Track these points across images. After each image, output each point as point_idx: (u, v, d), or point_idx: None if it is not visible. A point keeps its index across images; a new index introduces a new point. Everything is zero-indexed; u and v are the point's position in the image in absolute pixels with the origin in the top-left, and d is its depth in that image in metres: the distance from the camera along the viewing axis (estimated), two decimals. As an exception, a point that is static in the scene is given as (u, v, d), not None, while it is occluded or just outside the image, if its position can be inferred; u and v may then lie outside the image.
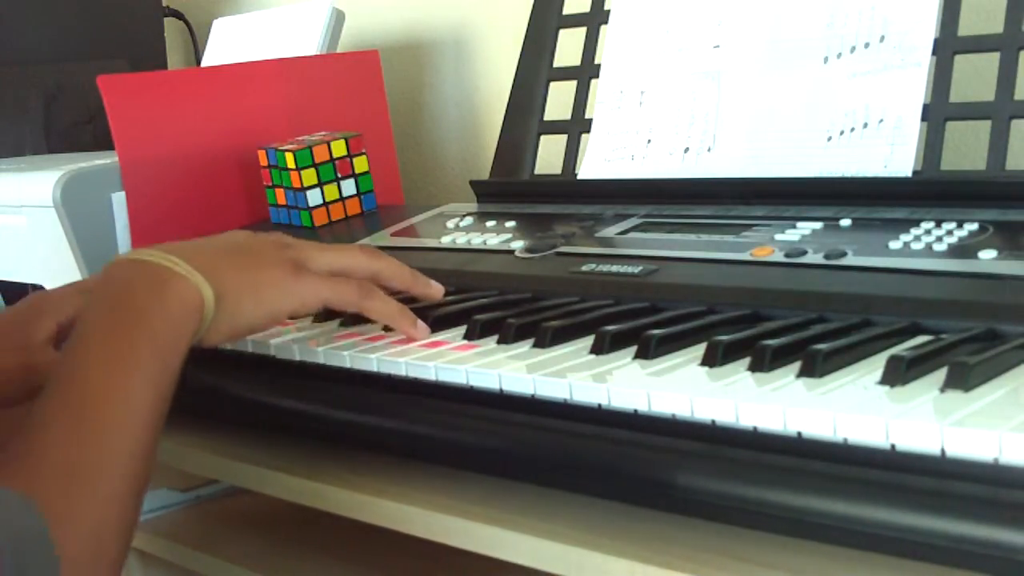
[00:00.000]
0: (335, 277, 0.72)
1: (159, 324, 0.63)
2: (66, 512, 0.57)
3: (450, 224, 1.02)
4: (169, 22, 1.84)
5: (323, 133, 1.17)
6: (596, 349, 0.65)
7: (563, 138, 1.09)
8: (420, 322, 0.74)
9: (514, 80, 1.13)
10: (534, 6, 1.14)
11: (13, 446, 0.59)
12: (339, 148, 1.15)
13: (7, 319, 0.86)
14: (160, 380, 0.63)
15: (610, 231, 0.90)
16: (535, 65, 1.12)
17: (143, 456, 0.61)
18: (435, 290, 0.78)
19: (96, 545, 0.58)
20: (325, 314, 0.80)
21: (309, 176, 1.13)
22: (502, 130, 1.13)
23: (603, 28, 1.08)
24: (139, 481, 0.61)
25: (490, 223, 0.99)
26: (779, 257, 0.76)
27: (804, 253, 0.76)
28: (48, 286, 1.11)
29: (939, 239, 0.73)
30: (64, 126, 1.64)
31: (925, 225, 0.76)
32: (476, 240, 0.95)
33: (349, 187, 1.16)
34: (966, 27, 0.87)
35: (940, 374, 0.53)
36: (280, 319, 0.71)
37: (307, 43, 1.47)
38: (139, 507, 0.62)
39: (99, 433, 0.60)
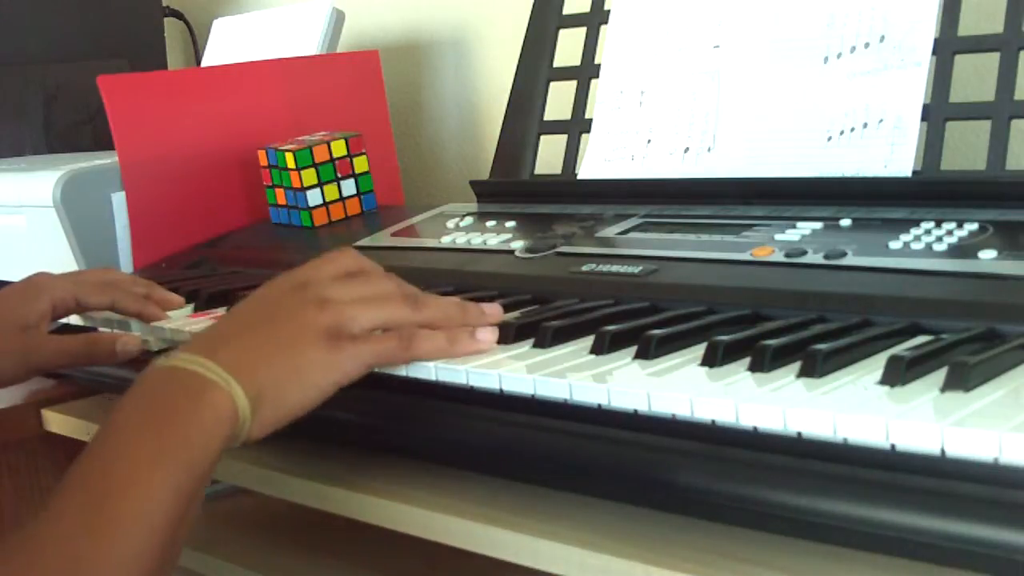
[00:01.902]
0: (374, 337, 0.67)
1: (189, 436, 0.60)
2: None
3: (450, 224, 1.02)
4: (169, 22, 1.84)
5: (323, 133, 1.17)
6: (596, 349, 0.65)
7: (563, 138, 1.09)
8: (481, 330, 0.69)
9: (514, 80, 1.13)
10: (534, 6, 1.14)
11: (21, 531, 0.56)
12: (339, 148, 1.15)
13: (4, 298, 0.88)
14: (185, 487, 0.59)
15: (610, 231, 0.90)
16: (535, 65, 1.12)
17: (154, 564, 0.57)
18: (481, 344, 0.69)
19: None
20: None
21: (309, 176, 1.13)
22: (502, 130, 1.13)
23: (603, 28, 1.08)
24: None
25: (490, 223, 0.99)
26: (779, 257, 0.76)
27: (804, 253, 0.76)
28: (48, 286, 1.11)
29: (939, 239, 0.73)
30: (64, 126, 1.64)
31: (925, 225, 0.76)
32: (476, 240, 0.95)
33: (349, 187, 1.16)
34: (966, 27, 0.87)
35: (940, 374, 0.53)
36: (326, 396, 0.65)
37: (307, 43, 1.47)
38: None
39: (109, 533, 0.56)
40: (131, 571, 0.56)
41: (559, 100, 1.11)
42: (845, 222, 0.81)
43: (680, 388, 0.57)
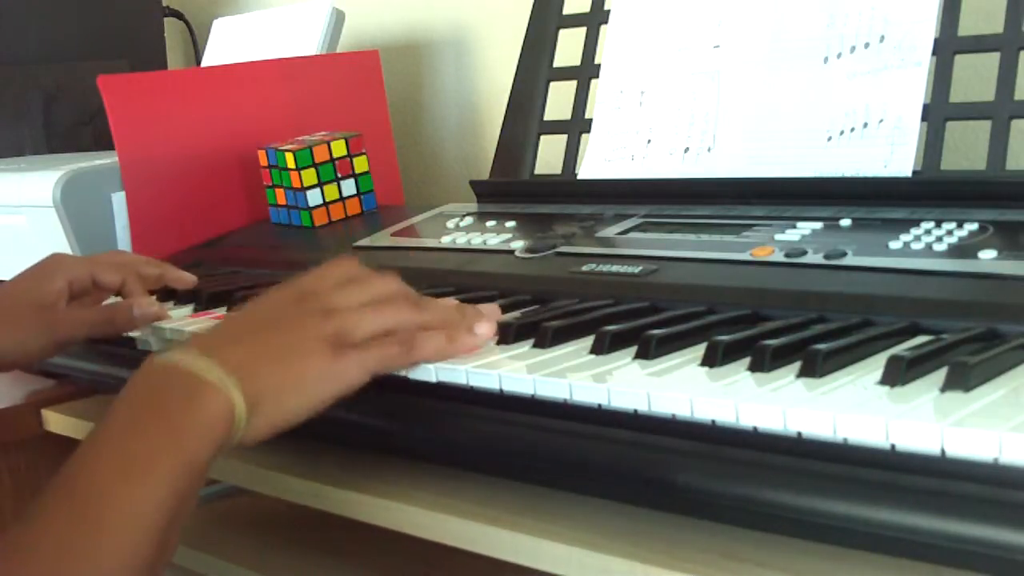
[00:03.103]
0: (377, 342, 0.67)
1: (184, 440, 0.59)
2: None
3: (450, 224, 1.02)
4: (169, 22, 1.84)
5: (323, 133, 1.17)
6: (596, 349, 0.65)
7: (563, 138, 1.09)
8: (479, 324, 0.69)
9: (514, 80, 1.13)
10: (534, 6, 1.14)
11: (10, 531, 0.56)
12: (339, 148, 1.15)
13: (23, 279, 0.91)
14: (175, 493, 0.58)
15: (610, 231, 0.90)
16: (535, 65, 1.12)
17: (146, 564, 0.57)
18: (480, 339, 0.70)
19: None
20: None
21: (309, 176, 1.13)
22: (502, 130, 1.13)
23: (603, 28, 1.08)
24: None
25: (490, 223, 0.99)
26: (779, 257, 0.76)
27: (804, 253, 0.76)
28: (48, 286, 1.11)
29: (939, 239, 0.73)
30: (64, 126, 1.64)
31: (925, 225, 0.76)
32: (476, 240, 0.95)
33: (349, 187, 1.16)
34: (966, 27, 0.87)
35: (940, 374, 0.53)
36: (326, 405, 0.65)
37: (307, 43, 1.47)
38: None
39: (93, 539, 0.55)
40: (122, 571, 0.56)
41: (559, 100, 1.11)
42: (845, 222, 0.81)
43: (680, 388, 0.57)
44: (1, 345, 0.88)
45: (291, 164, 1.13)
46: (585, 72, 1.09)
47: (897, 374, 0.54)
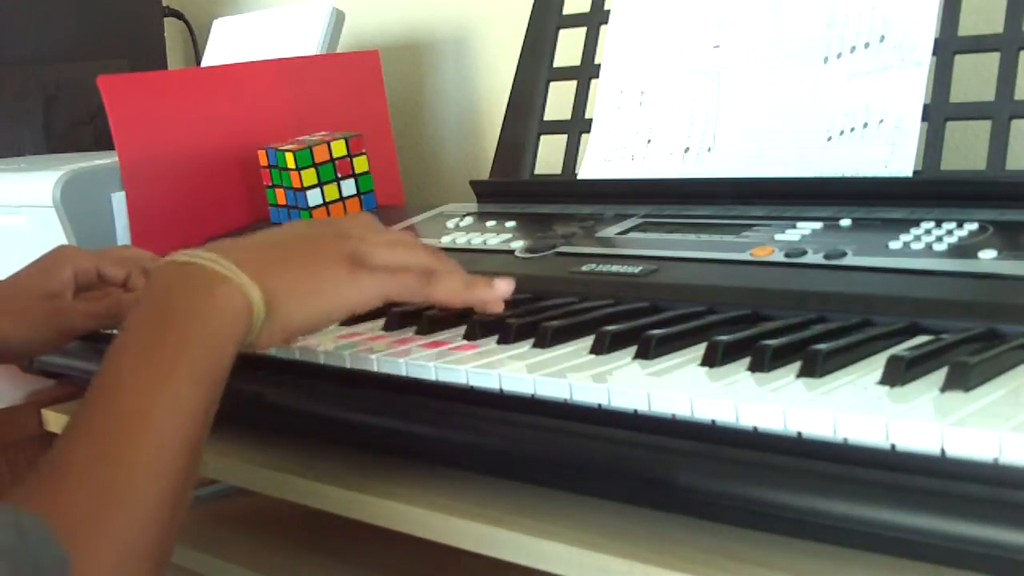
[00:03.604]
0: (394, 271, 0.68)
1: (203, 333, 0.60)
2: (89, 537, 0.53)
3: (450, 224, 1.02)
4: (169, 22, 1.84)
5: (323, 133, 1.17)
6: (596, 349, 0.65)
7: (563, 138, 1.09)
8: (497, 281, 0.70)
9: (514, 80, 1.13)
10: (534, 6, 1.14)
11: (40, 465, 0.56)
12: (339, 148, 1.15)
13: (31, 270, 0.92)
14: (201, 392, 0.59)
15: (610, 231, 0.90)
16: (535, 65, 1.12)
17: (180, 474, 0.57)
18: (497, 291, 0.70)
19: (122, 570, 0.54)
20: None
21: (309, 176, 1.13)
22: (502, 130, 1.13)
23: (603, 28, 1.08)
24: (176, 501, 0.57)
25: (490, 223, 0.99)
26: (779, 257, 0.76)
27: (804, 253, 0.76)
28: (48, 286, 1.11)
29: (939, 239, 0.73)
30: (64, 126, 1.64)
31: (925, 225, 0.76)
32: (476, 240, 0.95)
33: (349, 187, 1.16)
34: (966, 27, 0.87)
35: (940, 374, 0.53)
36: (338, 318, 0.66)
37: (307, 43, 1.47)
38: (173, 531, 0.57)
39: (131, 451, 0.56)
40: (156, 494, 0.56)
41: (559, 100, 1.11)
42: (845, 222, 0.81)
43: (680, 388, 0.57)
44: (7, 336, 0.89)
45: (291, 164, 1.13)
46: (585, 72, 1.09)
47: (897, 374, 0.54)
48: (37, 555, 0.51)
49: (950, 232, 0.74)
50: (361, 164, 1.16)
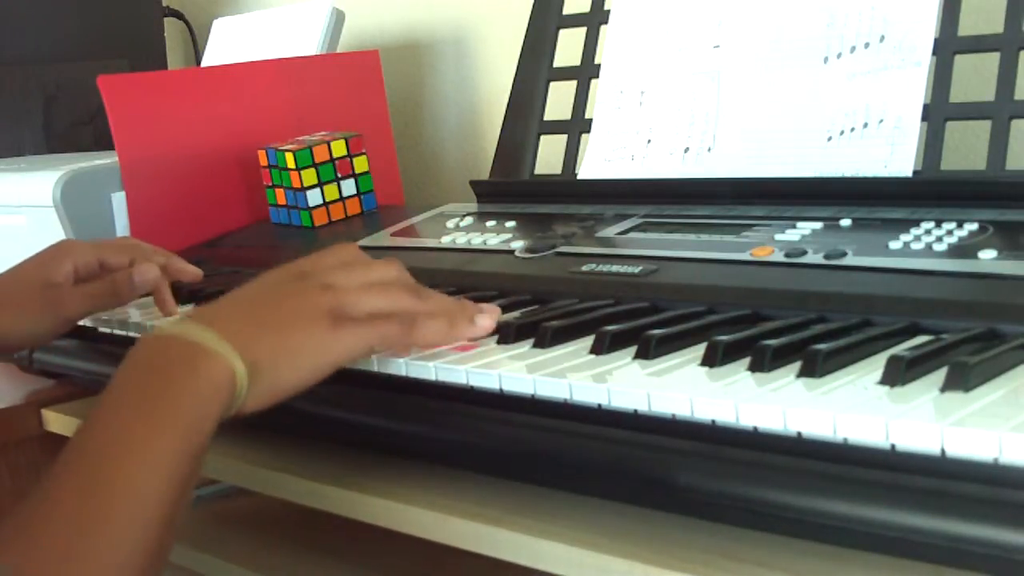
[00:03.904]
0: (377, 320, 0.67)
1: (187, 407, 0.60)
2: None
3: (450, 224, 1.02)
4: (169, 22, 1.84)
5: (323, 133, 1.17)
6: (596, 349, 0.65)
7: (563, 138, 1.09)
8: (479, 317, 0.70)
9: (514, 80, 1.13)
10: (534, 6, 1.14)
11: (16, 513, 0.56)
12: (339, 148, 1.15)
13: (32, 263, 0.93)
14: (182, 462, 0.59)
15: (610, 231, 0.90)
16: (535, 65, 1.12)
17: (154, 541, 0.57)
18: (479, 329, 0.70)
19: None
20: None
21: (309, 176, 1.13)
22: (502, 130, 1.13)
23: (603, 28, 1.08)
24: (147, 566, 0.56)
25: (490, 223, 0.99)
26: (779, 257, 0.76)
27: (804, 253, 0.76)
28: (48, 286, 1.11)
29: (939, 239, 0.73)
30: (64, 126, 1.64)
31: (925, 225, 0.76)
32: (476, 240, 0.95)
33: (349, 187, 1.16)
34: (966, 27, 0.87)
35: (940, 374, 0.53)
36: (323, 376, 0.65)
37: (307, 43, 1.47)
38: None
39: (104, 514, 0.55)
40: (134, 547, 0.55)
41: (559, 100, 1.11)
42: (845, 222, 0.81)
43: (680, 388, 0.57)
44: (9, 327, 0.90)
45: (291, 164, 1.13)
46: (585, 72, 1.09)
47: (897, 374, 0.54)
48: None
49: (950, 232, 0.74)
50: (361, 164, 1.16)
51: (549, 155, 1.11)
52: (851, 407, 0.51)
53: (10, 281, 0.91)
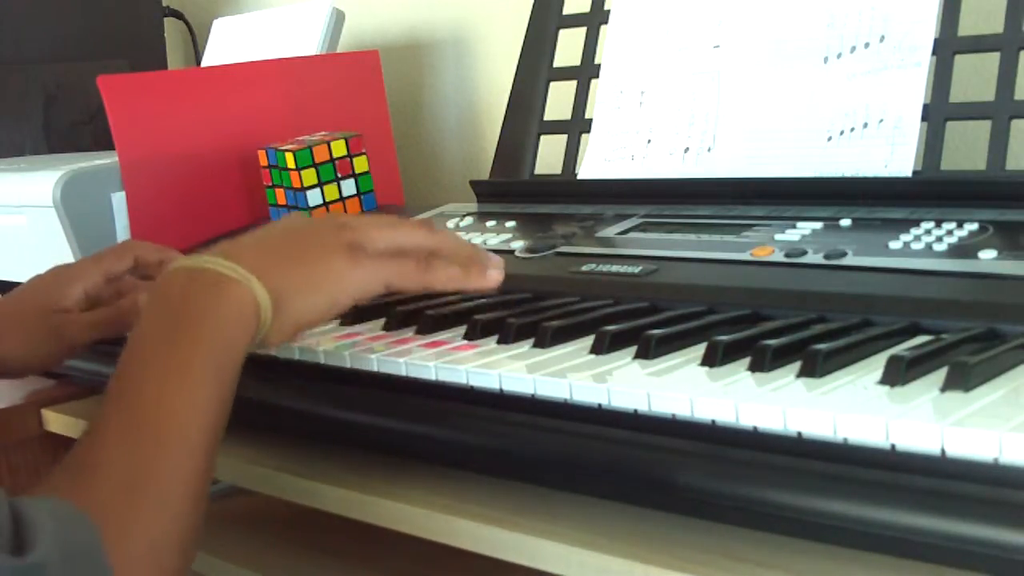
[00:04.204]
0: (394, 257, 0.69)
1: (214, 333, 0.62)
2: (123, 526, 0.55)
3: (450, 224, 1.02)
4: (169, 22, 1.84)
5: (323, 133, 1.17)
6: (596, 349, 0.65)
7: (563, 138, 1.09)
8: (492, 259, 0.72)
9: (514, 80, 1.13)
10: (534, 6, 1.14)
11: (69, 458, 0.58)
12: (339, 148, 1.15)
13: (30, 289, 0.92)
14: (217, 388, 0.61)
15: (610, 231, 0.90)
16: (535, 65, 1.12)
17: (201, 468, 0.59)
18: (490, 281, 0.72)
19: (153, 559, 0.56)
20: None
21: (309, 176, 1.13)
22: (502, 130, 1.13)
23: (603, 28, 1.08)
24: (199, 493, 0.59)
25: (490, 223, 0.99)
26: (779, 257, 0.76)
27: (804, 253, 0.76)
28: (48, 286, 1.11)
29: (939, 239, 0.73)
30: (64, 126, 1.64)
31: (925, 225, 0.76)
32: (476, 240, 0.95)
33: (349, 187, 1.16)
34: (966, 27, 0.87)
35: (940, 374, 0.53)
36: (342, 308, 0.68)
37: (307, 43, 1.47)
38: (199, 520, 0.60)
39: (156, 446, 0.58)
40: (183, 484, 0.58)
41: (559, 100, 1.11)
42: (845, 222, 0.81)
43: (680, 388, 0.57)
44: (12, 352, 0.89)
45: (291, 164, 1.13)
46: (585, 72, 1.09)
47: (897, 374, 0.54)
48: (69, 541, 0.53)
49: (950, 232, 0.74)
50: (361, 164, 1.16)
51: (549, 155, 1.11)
52: (851, 407, 0.51)
53: (15, 306, 0.91)
